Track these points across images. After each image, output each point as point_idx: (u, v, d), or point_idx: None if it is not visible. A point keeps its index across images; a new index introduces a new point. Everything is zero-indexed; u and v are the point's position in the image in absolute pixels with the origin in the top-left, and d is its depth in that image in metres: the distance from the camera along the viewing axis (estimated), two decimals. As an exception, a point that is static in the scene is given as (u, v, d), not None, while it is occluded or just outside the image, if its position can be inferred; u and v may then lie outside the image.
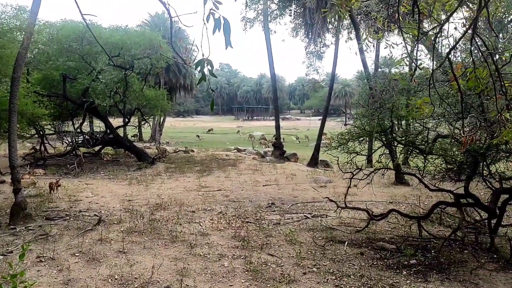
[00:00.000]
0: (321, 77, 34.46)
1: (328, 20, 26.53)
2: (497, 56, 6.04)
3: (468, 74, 5.19)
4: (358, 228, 9.40)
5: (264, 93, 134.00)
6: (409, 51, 5.96)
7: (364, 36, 14.35)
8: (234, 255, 7.64)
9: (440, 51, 7.18)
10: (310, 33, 28.36)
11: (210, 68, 3.77)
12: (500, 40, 6.91)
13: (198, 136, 50.33)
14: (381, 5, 14.88)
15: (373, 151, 10.23)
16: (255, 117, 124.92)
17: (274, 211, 11.32)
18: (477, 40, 5.05)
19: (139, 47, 21.07)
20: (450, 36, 6.60)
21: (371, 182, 9.75)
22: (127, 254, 7.61)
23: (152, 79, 38.08)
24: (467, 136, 5.61)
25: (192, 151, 28.66)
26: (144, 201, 12.08)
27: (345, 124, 22.08)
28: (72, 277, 6.55)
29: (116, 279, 6.49)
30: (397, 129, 9.37)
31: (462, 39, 5.52)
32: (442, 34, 5.75)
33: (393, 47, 6.39)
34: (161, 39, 22.98)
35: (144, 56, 21.69)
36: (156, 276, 6.61)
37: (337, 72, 35.77)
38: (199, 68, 3.70)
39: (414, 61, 5.25)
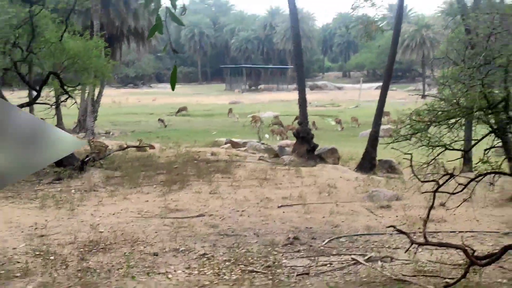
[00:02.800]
0: (380, 13, 21.37)
1: None
2: None
3: None
4: (448, 281, 5.54)
5: (278, 42, 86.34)
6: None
7: None
8: None
9: None
10: None
11: (171, 6, 2.27)
12: None
13: (162, 121, 32.74)
14: None
15: (473, 143, 7.40)
16: (262, 86, 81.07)
17: (298, 251, 7.06)
18: None
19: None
20: None
21: (470, 197, 6.76)
22: None
23: (79, 21, 26.67)
24: None
25: (152, 147, 17.89)
26: (69, 237, 7.42)
27: (424, 96, 13.01)
28: None
29: None
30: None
31: None
32: None
33: None
34: None
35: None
36: None
37: (407, 2, 18.76)
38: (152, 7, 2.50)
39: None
